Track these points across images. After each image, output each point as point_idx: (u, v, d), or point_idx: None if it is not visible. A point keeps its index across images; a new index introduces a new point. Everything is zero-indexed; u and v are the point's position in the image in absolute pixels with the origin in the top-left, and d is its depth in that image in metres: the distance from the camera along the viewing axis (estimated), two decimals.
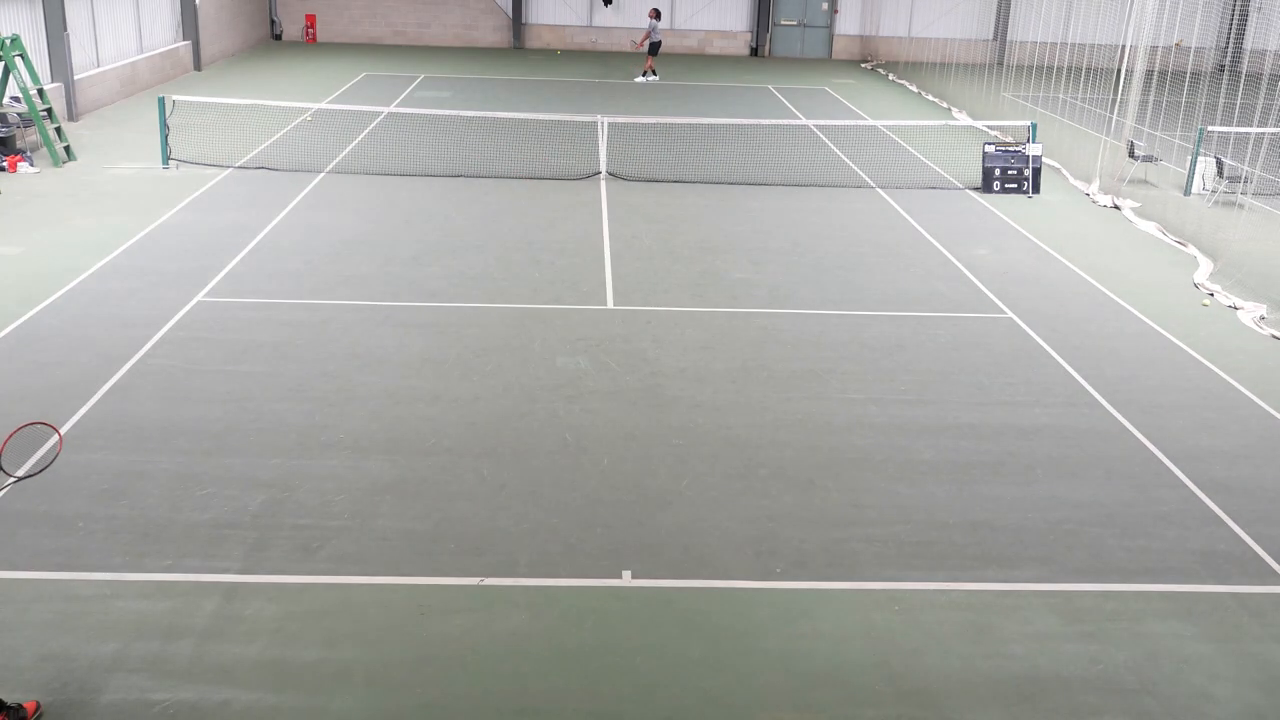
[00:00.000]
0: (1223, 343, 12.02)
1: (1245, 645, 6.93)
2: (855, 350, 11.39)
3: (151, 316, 11.60)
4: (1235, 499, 8.70)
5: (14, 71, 17.95)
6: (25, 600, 6.94)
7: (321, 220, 15.44)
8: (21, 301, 11.88)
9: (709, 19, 37.71)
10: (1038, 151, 18.78)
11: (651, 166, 19.45)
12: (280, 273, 13.13)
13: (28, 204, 15.84)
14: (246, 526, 7.80)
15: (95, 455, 8.70)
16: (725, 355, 11.14)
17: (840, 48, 38.08)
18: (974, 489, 8.70)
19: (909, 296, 13.11)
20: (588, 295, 12.77)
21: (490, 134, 21.54)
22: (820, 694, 6.38)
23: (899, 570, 7.60)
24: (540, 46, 37.60)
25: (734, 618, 7.03)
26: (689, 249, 14.72)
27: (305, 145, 20.17)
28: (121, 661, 6.42)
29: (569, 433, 9.40)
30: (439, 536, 7.80)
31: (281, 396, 9.84)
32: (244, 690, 6.22)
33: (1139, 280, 14.18)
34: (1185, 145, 21.88)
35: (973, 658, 6.72)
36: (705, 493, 8.51)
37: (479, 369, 10.62)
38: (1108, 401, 10.38)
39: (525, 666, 6.52)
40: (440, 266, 13.61)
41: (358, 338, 11.23)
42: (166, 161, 18.31)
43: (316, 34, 37.07)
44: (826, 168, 20.02)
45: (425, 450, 9.01)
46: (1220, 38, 36.24)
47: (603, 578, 7.40)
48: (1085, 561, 7.77)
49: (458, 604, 7.08)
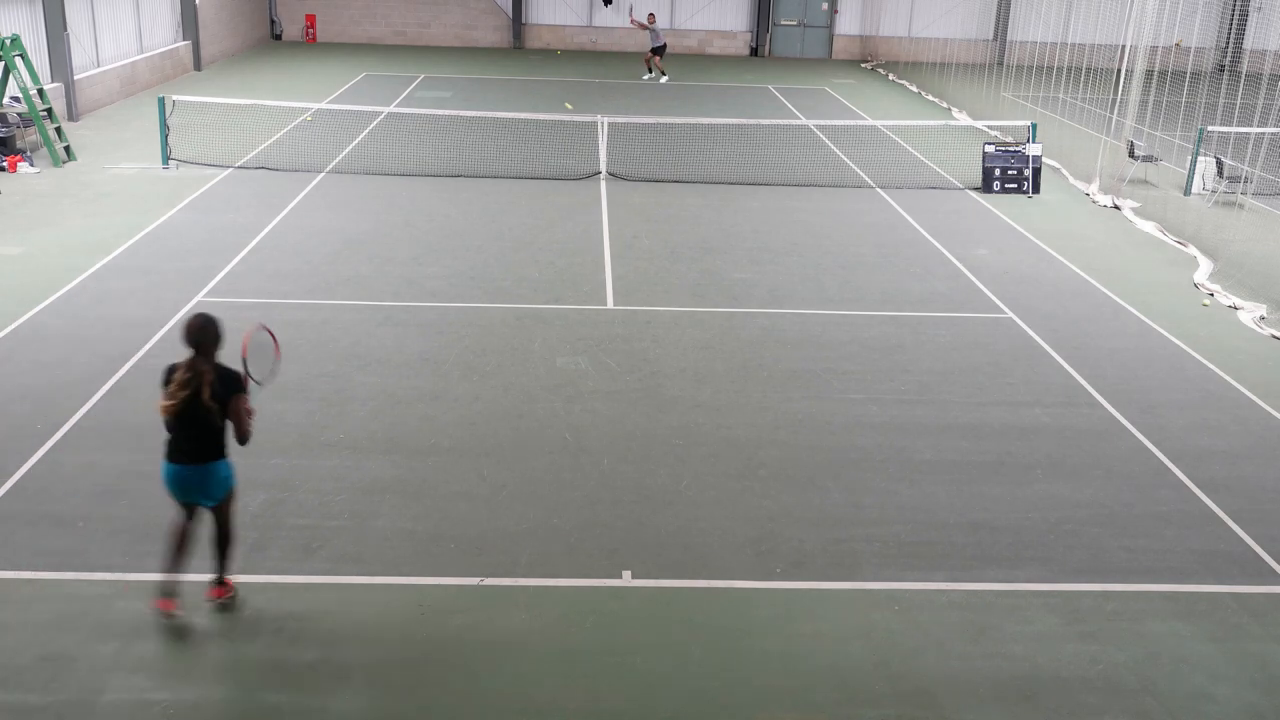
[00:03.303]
0: (1223, 343, 12.02)
1: (1245, 645, 6.93)
2: (855, 350, 11.39)
3: (151, 316, 11.60)
4: (1235, 499, 8.70)
5: (14, 71, 17.95)
6: (25, 600, 6.94)
7: (321, 220, 15.44)
8: (21, 301, 11.88)
9: (709, 19, 37.70)
10: (1038, 151, 18.79)
11: (651, 166, 19.45)
12: (280, 273, 13.13)
13: (28, 204, 15.84)
14: (246, 526, 7.79)
15: (95, 455, 8.70)
16: (725, 355, 11.14)
17: (840, 48, 38.08)
18: (974, 489, 8.70)
19: (909, 296, 13.11)
20: (588, 295, 12.77)
21: (490, 134, 21.55)
22: (820, 694, 6.38)
23: (899, 570, 7.60)
24: (540, 46, 37.60)
25: (734, 618, 7.03)
26: (689, 249, 14.73)
27: (305, 145, 20.17)
28: (121, 661, 6.42)
29: (569, 433, 9.41)
30: (439, 536, 7.80)
31: (281, 396, 9.84)
32: (244, 690, 6.22)
33: (1139, 280, 14.18)
34: (1185, 145, 21.88)
35: (973, 658, 6.72)
36: (705, 493, 8.52)
37: (479, 369, 10.62)
38: (1108, 401, 10.38)
39: (525, 666, 6.52)
40: (440, 266, 13.61)
41: (358, 338, 11.23)
42: (166, 161, 18.31)
43: (316, 34, 37.07)
44: (826, 168, 20.02)
45: (425, 450, 9.01)
46: (1220, 38, 36.23)
47: (603, 578, 7.40)
48: (1085, 561, 7.77)
49: (458, 604, 7.08)
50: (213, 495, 6.66)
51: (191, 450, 6.52)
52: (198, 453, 6.52)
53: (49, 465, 8.55)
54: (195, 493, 6.62)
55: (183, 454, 6.53)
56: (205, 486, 6.61)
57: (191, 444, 6.51)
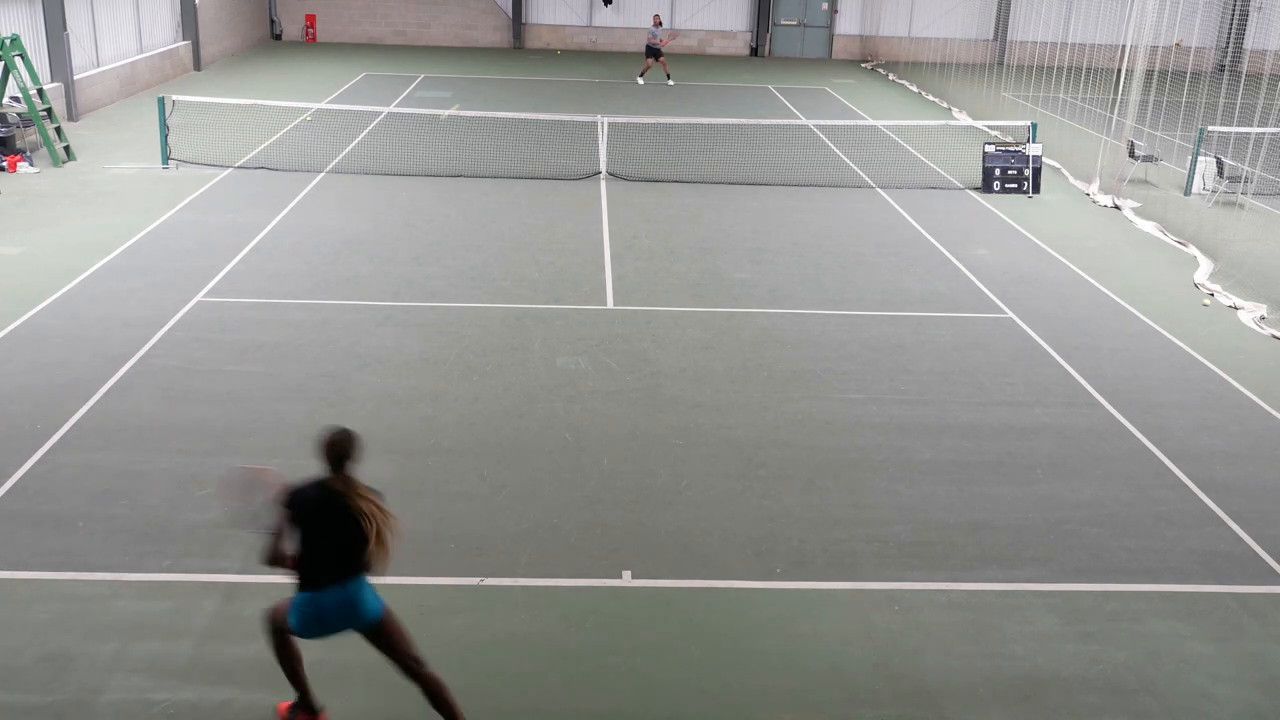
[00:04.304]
0: (1223, 343, 12.02)
1: (1245, 645, 6.93)
2: (855, 350, 11.39)
3: (151, 316, 11.59)
4: (1235, 499, 8.69)
5: (14, 71, 17.95)
6: (25, 600, 6.94)
7: (321, 220, 15.43)
8: (21, 302, 11.88)
9: (709, 19, 37.70)
10: (1038, 151, 18.78)
11: (651, 166, 19.45)
12: (280, 273, 13.13)
13: (28, 204, 15.84)
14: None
15: (95, 455, 8.69)
16: (725, 355, 11.14)
17: (840, 48, 38.07)
18: (974, 489, 8.70)
19: (909, 296, 13.11)
20: (588, 295, 12.77)
21: (490, 134, 21.54)
22: (820, 694, 6.38)
23: (899, 570, 7.59)
24: (540, 46, 37.60)
25: (734, 618, 7.02)
26: (689, 249, 14.72)
27: (305, 145, 20.16)
28: (121, 661, 6.42)
29: (569, 433, 9.40)
30: (439, 536, 7.80)
31: (281, 396, 9.84)
32: (244, 690, 6.22)
33: (1139, 280, 14.17)
34: (1185, 145, 21.88)
35: (973, 658, 6.72)
36: (705, 493, 8.51)
37: (479, 369, 10.62)
38: (1108, 401, 10.38)
39: (525, 666, 6.51)
40: (440, 266, 13.61)
41: (358, 338, 11.23)
42: (166, 161, 18.31)
43: (316, 34, 37.07)
44: (826, 168, 20.02)
45: (425, 450, 9.01)
46: (1220, 38, 36.23)
47: (603, 578, 7.40)
48: (1085, 561, 7.77)
49: (458, 604, 7.08)
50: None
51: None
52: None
53: (49, 465, 8.55)
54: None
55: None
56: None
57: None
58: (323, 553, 5.51)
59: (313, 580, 5.54)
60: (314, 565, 5.52)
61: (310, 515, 5.46)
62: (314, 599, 5.56)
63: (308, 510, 5.46)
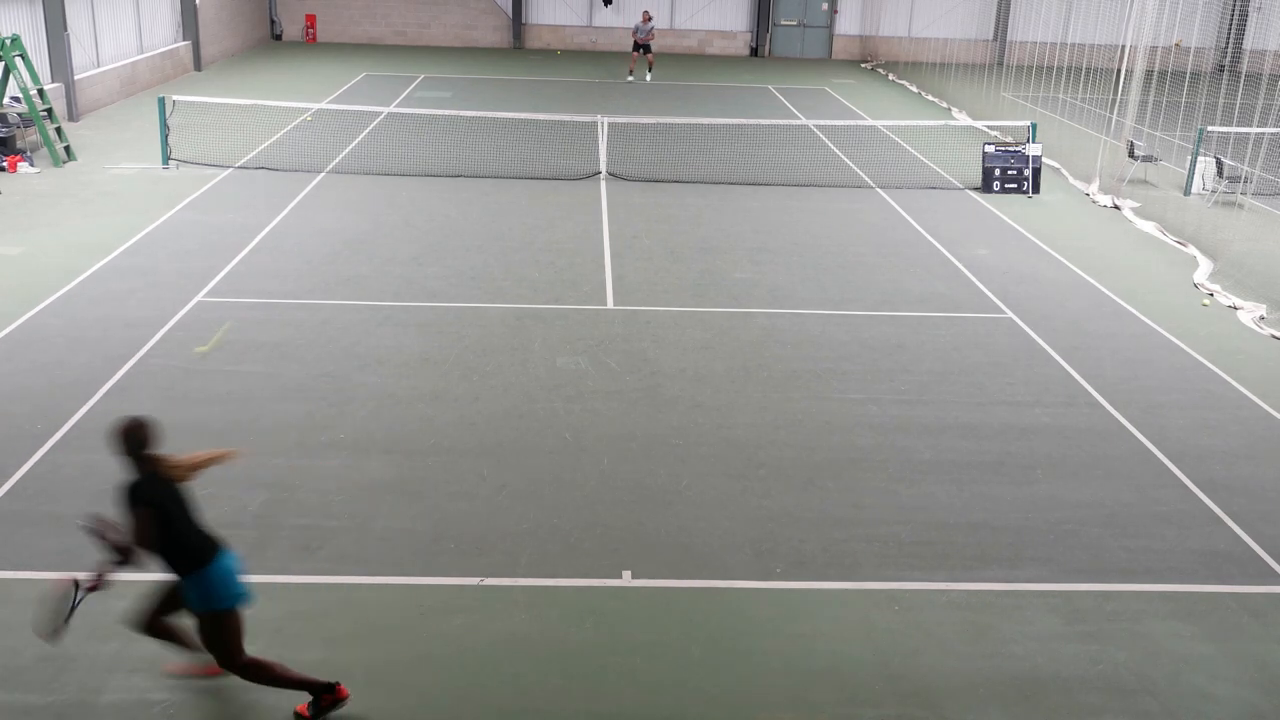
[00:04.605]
0: (1223, 343, 12.02)
1: (1245, 645, 6.93)
2: (855, 350, 11.39)
3: (151, 316, 11.60)
4: (1235, 499, 8.70)
5: (14, 71, 17.95)
6: (25, 600, 6.94)
7: (321, 220, 15.44)
8: (21, 301, 11.88)
9: (709, 19, 37.70)
10: (1037, 151, 18.78)
11: (651, 166, 19.45)
12: (280, 273, 13.13)
13: (28, 204, 15.84)
14: (246, 526, 7.80)
15: (95, 455, 8.69)
16: (725, 355, 11.14)
17: (840, 48, 38.07)
18: (974, 489, 8.70)
19: (909, 296, 13.11)
20: (588, 295, 12.78)
21: (490, 134, 21.54)
22: (820, 694, 6.38)
23: (899, 570, 7.60)
24: (540, 46, 37.60)
25: (734, 618, 7.03)
26: (689, 249, 14.73)
27: (305, 145, 20.17)
28: (121, 661, 6.42)
29: (569, 433, 9.41)
30: (439, 536, 7.80)
31: (281, 396, 9.84)
32: (244, 690, 6.22)
33: (1139, 280, 14.18)
34: (1185, 145, 21.88)
35: (973, 658, 6.73)
36: (705, 493, 8.52)
37: (479, 369, 10.62)
38: (1108, 401, 10.38)
39: (525, 666, 6.52)
40: (440, 266, 13.61)
41: (357, 338, 11.23)
42: (166, 161, 18.31)
43: (316, 34, 37.07)
44: (826, 168, 20.02)
45: (425, 450, 9.01)
46: (1220, 38, 36.23)
47: (603, 578, 7.40)
48: (1085, 561, 7.77)
49: (458, 604, 7.08)
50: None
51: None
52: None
53: (49, 465, 8.55)
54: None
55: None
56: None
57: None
58: (194, 528, 5.75)
59: (202, 554, 5.73)
60: (195, 541, 5.73)
61: (165, 502, 5.64)
62: (218, 567, 5.76)
63: (160, 498, 5.63)
